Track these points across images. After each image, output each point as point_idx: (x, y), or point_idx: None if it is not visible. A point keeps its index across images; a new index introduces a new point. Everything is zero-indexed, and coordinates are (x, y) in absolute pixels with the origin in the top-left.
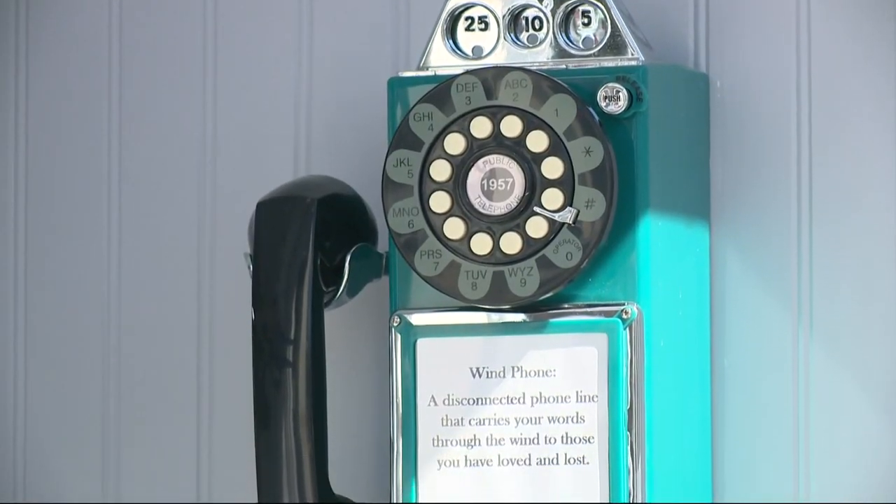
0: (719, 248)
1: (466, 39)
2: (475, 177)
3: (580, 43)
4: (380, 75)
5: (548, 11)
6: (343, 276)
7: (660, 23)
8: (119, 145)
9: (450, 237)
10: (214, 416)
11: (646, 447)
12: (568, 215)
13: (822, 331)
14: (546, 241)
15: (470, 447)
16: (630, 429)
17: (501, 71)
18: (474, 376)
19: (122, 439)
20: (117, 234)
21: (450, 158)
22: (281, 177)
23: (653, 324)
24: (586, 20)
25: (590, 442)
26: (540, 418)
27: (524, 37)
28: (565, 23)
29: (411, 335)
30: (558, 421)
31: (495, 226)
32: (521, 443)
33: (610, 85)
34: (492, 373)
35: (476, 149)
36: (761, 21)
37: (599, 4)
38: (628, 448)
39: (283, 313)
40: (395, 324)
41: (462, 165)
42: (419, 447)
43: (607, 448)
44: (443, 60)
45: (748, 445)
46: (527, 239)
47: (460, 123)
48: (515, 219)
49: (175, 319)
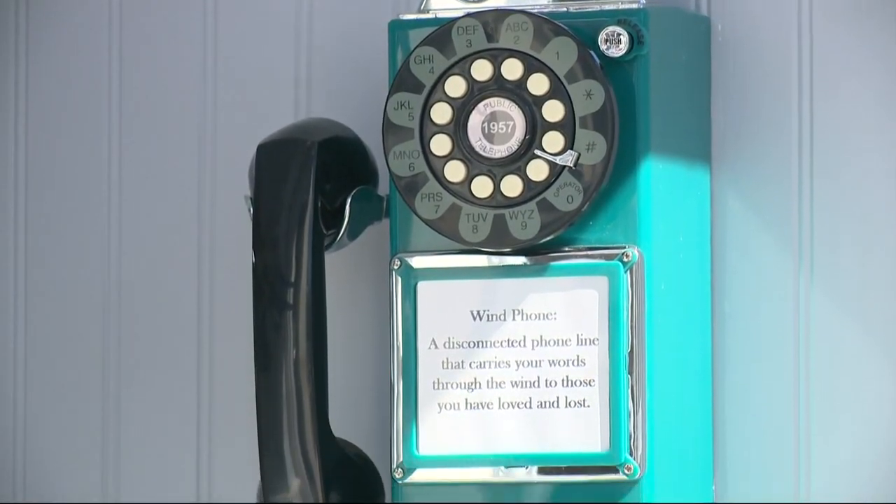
0: (720, 192)
1: None
2: (476, 120)
3: None
4: (380, 18)
5: None
6: (343, 219)
7: None
8: (119, 95)
9: (450, 180)
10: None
11: (646, 390)
12: (569, 158)
13: (823, 274)
14: (547, 184)
15: (470, 390)
16: (631, 372)
17: (502, 14)
18: (475, 319)
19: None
20: (118, 182)
21: (450, 101)
22: (281, 120)
23: (653, 267)
24: None
25: (590, 385)
26: (540, 361)
27: None
28: None
29: (412, 278)
30: (559, 364)
31: (496, 169)
32: (522, 386)
33: (611, 28)
34: (492, 316)
35: (477, 92)
36: None
37: None
38: (629, 391)
39: (284, 256)
40: (396, 267)
41: (463, 108)
42: (419, 390)
43: (608, 391)
44: (443, 3)
45: (748, 388)
46: (527, 182)
47: (461, 66)
48: (516, 162)
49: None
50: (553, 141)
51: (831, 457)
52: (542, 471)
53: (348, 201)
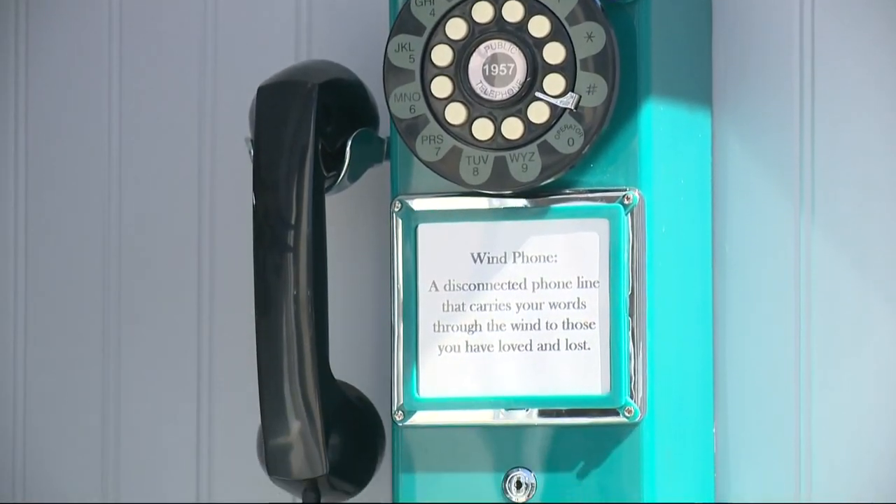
0: (721, 135)
1: None
2: (477, 62)
3: None
4: None
5: None
6: (344, 161)
7: None
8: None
9: (451, 122)
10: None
11: (647, 333)
12: (569, 101)
13: (823, 215)
14: (547, 126)
15: (471, 332)
16: (631, 314)
17: None
18: (475, 261)
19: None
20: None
21: (451, 43)
22: (282, 62)
23: (654, 209)
24: None
25: (591, 328)
26: (541, 304)
27: None
28: None
29: (412, 220)
30: (559, 306)
31: (497, 111)
32: (522, 328)
33: None
34: (493, 258)
35: (477, 34)
36: None
37: None
38: (629, 334)
39: (284, 198)
40: (397, 209)
41: (463, 50)
42: (420, 333)
43: (608, 334)
44: None
45: (749, 330)
46: (528, 124)
47: (462, 8)
48: (517, 104)
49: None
50: (554, 83)
51: (832, 396)
52: (542, 413)
53: (349, 143)
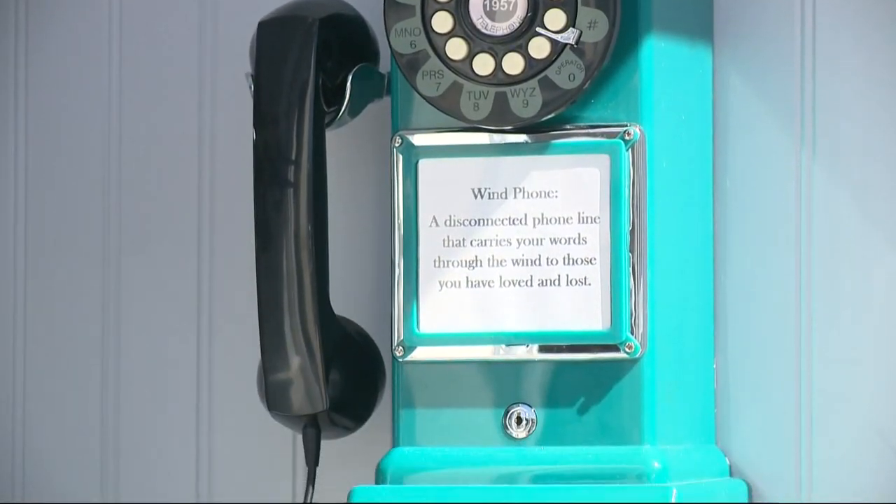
0: (722, 70)
1: None
2: None
3: None
4: None
5: None
6: (345, 97)
7: None
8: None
9: (452, 57)
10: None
11: (647, 268)
12: (570, 36)
13: (824, 150)
14: (548, 61)
15: (471, 268)
16: (632, 250)
17: None
18: (476, 197)
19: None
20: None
21: None
22: None
23: (655, 145)
24: None
25: (591, 263)
26: (542, 239)
27: None
28: None
29: (413, 156)
30: (560, 242)
31: (497, 46)
32: (523, 264)
33: None
34: (493, 193)
35: None
36: None
37: None
38: (630, 269)
39: (285, 133)
40: (397, 144)
41: None
42: (420, 268)
43: (609, 269)
44: None
45: (750, 264)
46: (529, 59)
47: None
48: (518, 39)
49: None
50: (555, 18)
51: (833, 332)
52: (542, 349)
53: (349, 79)
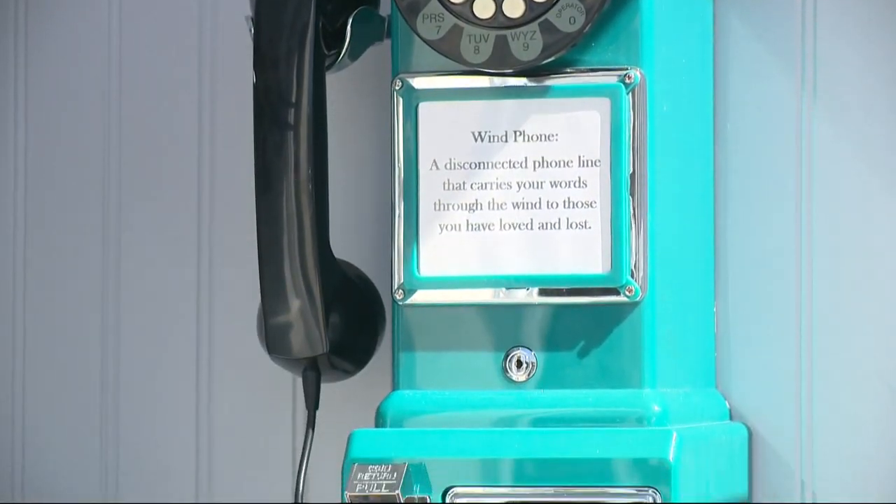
0: (723, 13)
1: None
2: None
3: None
4: None
5: None
6: (345, 40)
7: None
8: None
9: (452, 0)
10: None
11: (648, 212)
12: None
13: (826, 94)
14: (549, 4)
15: (471, 211)
16: (632, 193)
17: None
18: (476, 140)
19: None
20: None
21: None
22: None
23: (655, 88)
24: None
25: (592, 207)
26: (542, 182)
27: None
28: None
29: (413, 99)
30: (560, 185)
31: None
32: (523, 207)
33: None
34: (494, 137)
35: None
36: None
37: None
38: (630, 213)
39: (285, 75)
40: (397, 88)
41: None
42: (420, 211)
43: (609, 213)
44: None
45: (750, 208)
46: (529, 2)
47: None
48: None
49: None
50: None
51: (833, 276)
52: (542, 292)
53: (349, 21)
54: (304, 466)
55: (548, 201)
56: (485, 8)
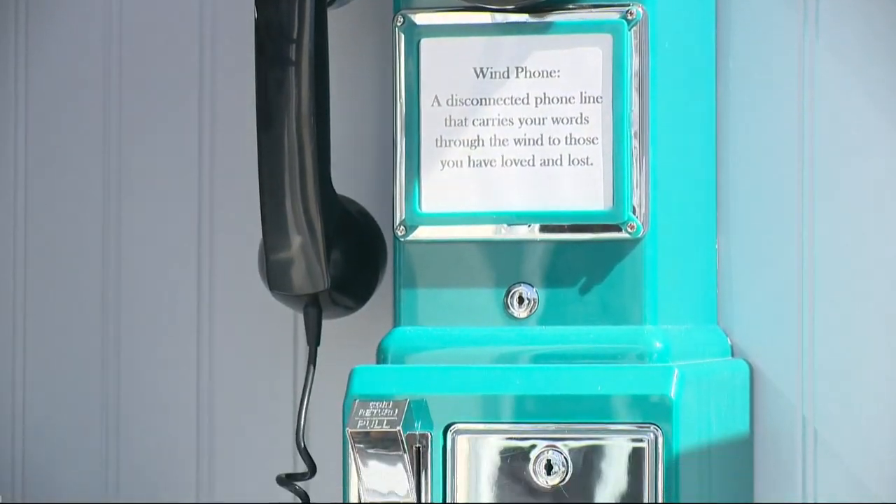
0: None
1: None
2: None
3: None
4: None
5: None
6: None
7: None
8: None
9: None
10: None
11: (650, 148)
12: None
13: (827, 28)
14: None
15: (473, 147)
16: (634, 130)
17: None
18: (478, 76)
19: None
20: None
21: None
22: None
23: (658, 25)
24: None
25: (594, 143)
26: (544, 119)
27: None
28: None
29: (415, 35)
30: (562, 122)
31: None
32: (525, 143)
33: None
34: (495, 73)
35: None
36: None
37: None
38: (632, 150)
39: (286, 11)
40: (399, 24)
41: None
42: (422, 147)
43: (611, 149)
44: None
45: (752, 144)
46: None
47: None
48: None
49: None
50: None
51: (833, 213)
52: (544, 228)
53: None
54: (305, 403)
55: (549, 137)
56: None
